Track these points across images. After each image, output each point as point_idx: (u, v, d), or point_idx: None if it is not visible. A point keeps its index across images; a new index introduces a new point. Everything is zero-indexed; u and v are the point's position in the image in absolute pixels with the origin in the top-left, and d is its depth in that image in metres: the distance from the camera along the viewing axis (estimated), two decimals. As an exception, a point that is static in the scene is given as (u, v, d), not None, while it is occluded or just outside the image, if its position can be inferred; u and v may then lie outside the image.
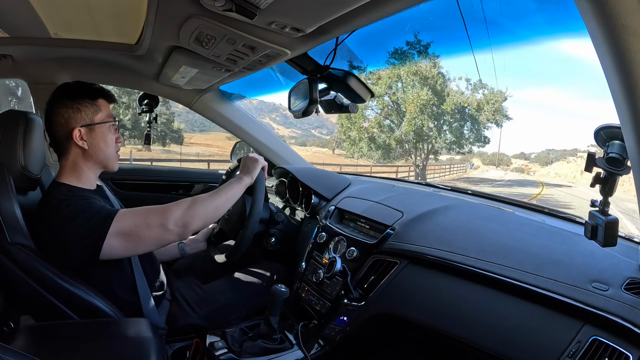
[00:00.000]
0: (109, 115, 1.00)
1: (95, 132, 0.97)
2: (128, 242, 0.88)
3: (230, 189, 1.03)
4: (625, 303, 0.65)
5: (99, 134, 0.98)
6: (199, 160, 18.34)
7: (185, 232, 0.92)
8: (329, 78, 1.03)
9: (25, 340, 0.74)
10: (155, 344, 0.79)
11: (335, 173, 1.69)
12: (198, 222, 0.93)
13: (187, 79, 1.32)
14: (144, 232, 0.89)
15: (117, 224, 0.86)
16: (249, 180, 1.09)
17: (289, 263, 1.37)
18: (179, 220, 0.90)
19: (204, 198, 0.97)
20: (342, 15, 0.67)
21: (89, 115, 0.96)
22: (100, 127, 0.98)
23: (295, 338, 1.04)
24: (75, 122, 0.95)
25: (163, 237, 0.91)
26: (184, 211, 0.91)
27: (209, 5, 0.68)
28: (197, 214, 0.93)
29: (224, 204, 1.00)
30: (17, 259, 0.82)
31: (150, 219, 0.89)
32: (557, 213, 1.13)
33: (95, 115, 0.97)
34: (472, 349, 0.79)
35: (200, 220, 0.94)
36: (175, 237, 0.91)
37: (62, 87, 0.98)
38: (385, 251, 1.03)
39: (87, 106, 0.96)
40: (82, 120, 0.96)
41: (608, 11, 0.35)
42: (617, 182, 0.62)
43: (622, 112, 0.47)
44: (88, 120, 0.96)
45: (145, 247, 0.92)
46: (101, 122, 0.98)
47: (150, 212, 0.91)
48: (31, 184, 0.97)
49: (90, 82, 1.01)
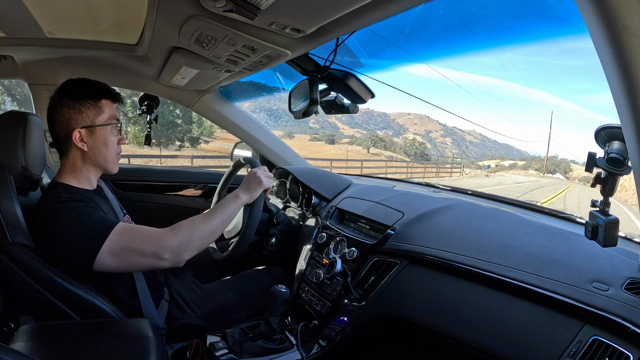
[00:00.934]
0: (111, 117, 0.98)
1: (95, 134, 0.96)
2: (120, 263, 0.86)
3: (225, 209, 0.99)
4: (626, 303, 0.65)
5: (100, 137, 0.96)
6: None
7: (179, 260, 0.90)
8: (330, 78, 1.03)
9: (25, 340, 0.74)
10: (156, 344, 0.79)
11: (335, 173, 1.68)
12: (193, 251, 0.92)
13: (188, 80, 1.32)
14: (137, 259, 0.87)
15: (111, 244, 0.84)
16: (247, 200, 1.04)
17: (289, 263, 1.37)
18: (174, 249, 0.88)
19: (199, 223, 0.93)
20: (342, 15, 0.67)
21: (90, 116, 0.95)
22: (101, 129, 0.96)
23: (295, 338, 1.04)
24: (76, 123, 0.94)
25: (156, 264, 0.89)
26: (179, 240, 0.89)
27: (209, 6, 0.68)
28: (192, 242, 0.91)
29: (220, 227, 0.97)
30: (17, 258, 0.82)
31: (145, 247, 0.87)
32: (558, 213, 1.13)
33: (97, 117, 0.96)
34: (473, 349, 0.79)
35: (196, 248, 0.92)
36: (170, 265, 0.90)
37: (65, 85, 0.97)
38: (385, 251, 1.03)
39: (89, 107, 0.95)
40: (82, 122, 0.94)
41: (609, 12, 0.35)
42: (617, 182, 0.62)
43: (622, 112, 0.47)
44: (89, 122, 0.95)
45: (138, 270, 0.91)
46: (103, 124, 0.96)
47: (145, 239, 0.88)
48: (32, 184, 0.98)
49: (95, 82, 0.99)
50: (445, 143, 45.61)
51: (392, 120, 73.65)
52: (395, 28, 1.06)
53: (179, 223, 0.93)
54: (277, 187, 1.64)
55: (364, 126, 71.55)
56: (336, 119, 35.92)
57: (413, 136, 65.44)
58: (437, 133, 48.19)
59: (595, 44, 0.40)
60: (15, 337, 0.74)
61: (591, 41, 0.40)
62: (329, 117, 41.24)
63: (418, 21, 1.05)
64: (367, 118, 72.55)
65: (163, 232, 0.90)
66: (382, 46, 1.15)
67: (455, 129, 47.16)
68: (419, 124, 71.75)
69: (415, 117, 72.76)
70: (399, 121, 72.29)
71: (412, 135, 67.15)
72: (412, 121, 72.35)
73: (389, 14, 0.69)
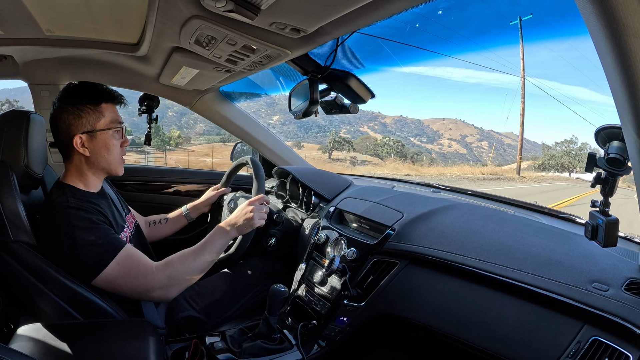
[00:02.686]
0: (113, 120, 0.98)
1: (97, 139, 0.95)
2: (114, 289, 0.90)
3: (214, 245, 1.02)
4: (626, 303, 0.65)
5: (101, 141, 0.96)
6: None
7: (168, 297, 0.95)
8: (330, 78, 1.03)
9: (25, 340, 0.74)
10: (156, 345, 0.79)
11: (335, 173, 1.69)
12: (181, 288, 0.96)
13: (188, 80, 1.32)
14: (129, 292, 0.91)
15: (109, 272, 0.87)
16: (235, 235, 1.08)
17: (289, 264, 1.37)
18: (163, 288, 0.93)
19: (189, 262, 0.96)
20: (342, 16, 0.67)
21: (90, 122, 0.94)
22: (102, 134, 0.96)
23: (295, 338, 1.04)
24: (76, 129, 0.93)
25: (146, 298, 0.94)
26: (169, 281, 0.93)
27: (209, 6, 0.68)
28: (181, 282, 0.96)
29: (209, 265, 1.01)
30: (19, 256, 0.83)
31: (137, 283, 0.91)
32: (557, 213, 1.13)
33: (98, 122, 0.95)
34: (472, 349, 0.79)
35: (184, 286, 0.97)
36: (158, 300, 0.95)
37: (65, 91, 0.96)
38: (385, 251, 1.03)
39: (89, 112, 0.94)
40: (83, 127, 0.94)
41: (609, 11, 0.35)
42: (617, 182, 0.62)
43: (622, 112, 0.47)
44: (89, 127, 0.94)
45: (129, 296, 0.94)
46: (103, 129, 0.96)
47: (139, 274, 0.91)
48: (34, 182, 0.98)
49: (96, 83, 0.99)
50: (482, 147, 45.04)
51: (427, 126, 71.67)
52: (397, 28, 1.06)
53: (170, 260, 0.96)
54: (277, 187, 1.65)
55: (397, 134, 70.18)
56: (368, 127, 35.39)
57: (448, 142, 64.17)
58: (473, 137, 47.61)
59: (596, 44, 0.40)
60: (15, 337, 0.75)
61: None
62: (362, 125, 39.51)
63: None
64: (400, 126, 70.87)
65: (156, 270, 0.93)
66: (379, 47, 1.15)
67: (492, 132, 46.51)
68: (454, 129, 69.98)
69: (450, 122, 70.70)
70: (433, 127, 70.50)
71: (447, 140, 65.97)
72: (446, 126, 70.45)
73: (389, 14, 0.69)
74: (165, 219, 1.40)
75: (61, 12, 0.91)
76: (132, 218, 1.19)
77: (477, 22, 1.70)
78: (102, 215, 0.93)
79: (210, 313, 1.14)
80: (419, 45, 1.14)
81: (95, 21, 0.96)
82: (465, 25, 1.46)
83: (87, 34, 1.05)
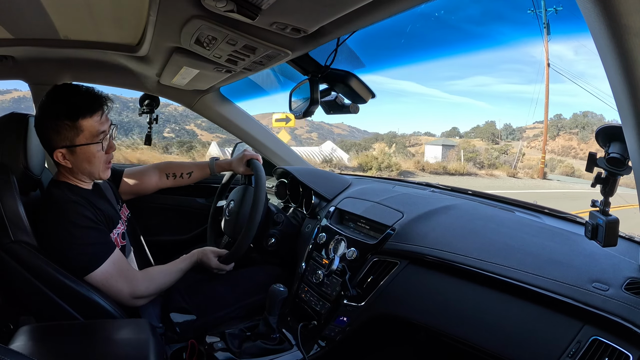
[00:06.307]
0: (93, 134, 0.93)
1: (77, 153, 0.93)
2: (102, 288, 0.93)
3: (181, 270, 1.11)
4: (626, 303, 0.66)
5: (81, 155, 0.93)
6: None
7: (138, 304, 1.01)
8: (330, 78, 1.03)
9: (25, 340, 0.74)
10: (155, 345, 0.79)
11: (335, 173, 1.69)
12: (154, 295, 1.05)
13: (188, 80, 1.32)
14: (114, 295, 0.95)
15: (98, 275, 0.91)
16: (196, 262, 1.16)
17: (289, 264, 1.37)
18: (143, 296, 1.00)
19: (165, 279, 1.06)
20: (343, 15, 0.67)
21: (68, 137, 0.91)
22: (82, 148, 0.93)
23: (294, 338, 1.04)
24: (56, 143, 0.91)
25: (124, 302, 0.97)
26: (148, 291, 1.01)
27: (210, 6, 0.68)
28: (154, 292, 1.04)
29: (175, 280, 1.09)
30: (20, 256, 0.83)
31: (121, 287, 0.96)
32: (557, 213, 1.13)
33: (76, 138, 0.91)
34: (472, 349, 0.79)
35: (156, 293, 1.05)
36: (133, 305, 1.00)
37: (43, 103, 0.92)
38: (385, 251, 1.03)
39: (67, 128, 0.90)
40: (62, 142, 0.91)
41: (610, 11, 0.35)
42: (617, 182, 0.62)
43: (623, 112, 0.47)
44: (68, 142, 0.91)
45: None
46: (83, 144, 0.92)
47: (125, 282, 0.96)
48: (33, 184, 0.99)
49: (74, 93, 0.94)
50: (312, 138, 44.23)
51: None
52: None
53: (152, 273, 1.05)
54: (277, 187, 1.64)
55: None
56: (195, 126, 33.71)
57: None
58: (303, 129, 46.67)
59: (597, 43, 0.40)
60: (15, 337, 0.74)
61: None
62: (187, 124, 36.33)
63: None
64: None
65: (141, 278, 1.01)
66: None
67: (322, 123, 46.31)
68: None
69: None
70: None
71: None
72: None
73: (390, 14, 0.69)
74: (188, 174, 1.37)
75: (72, 16, 0.91)
76: (126, 210, 1.20)
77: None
78: (98, 210, 0.96)
79: (202, 311, 1.13)
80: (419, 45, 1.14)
81: (97, 23, 0.96)
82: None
83: (88, 35, 1.05)
